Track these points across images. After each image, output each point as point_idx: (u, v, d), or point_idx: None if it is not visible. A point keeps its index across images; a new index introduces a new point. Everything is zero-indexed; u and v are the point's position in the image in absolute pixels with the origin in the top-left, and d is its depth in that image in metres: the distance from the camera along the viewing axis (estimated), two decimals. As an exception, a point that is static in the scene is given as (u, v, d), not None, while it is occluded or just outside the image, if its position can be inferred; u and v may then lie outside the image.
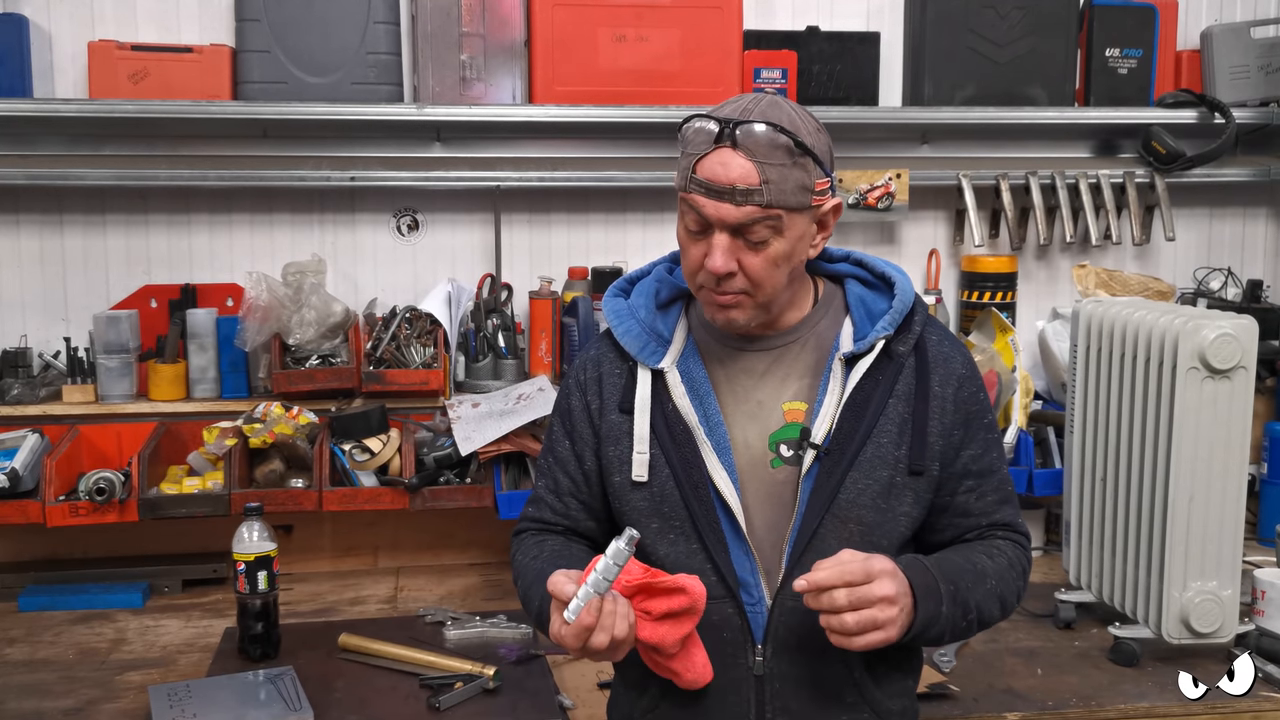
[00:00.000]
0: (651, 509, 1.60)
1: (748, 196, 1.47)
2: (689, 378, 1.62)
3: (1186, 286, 3.41)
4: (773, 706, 1.58)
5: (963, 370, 1.64)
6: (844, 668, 1.58)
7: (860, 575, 1.43)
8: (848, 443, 1.56)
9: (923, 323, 1.64)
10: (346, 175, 2.95)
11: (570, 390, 1.71)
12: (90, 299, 2.98)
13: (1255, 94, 3.26)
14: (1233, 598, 2.25)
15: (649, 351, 1.63)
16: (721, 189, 1.48)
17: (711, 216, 1.49)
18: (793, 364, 1.62)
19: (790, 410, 1.60)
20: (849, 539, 1.55)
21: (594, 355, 1.71)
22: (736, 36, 3.02)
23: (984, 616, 1.59)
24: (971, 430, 1.63)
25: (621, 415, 1.63)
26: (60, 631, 2.53)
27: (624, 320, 1.66)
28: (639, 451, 1.60)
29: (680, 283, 1.69)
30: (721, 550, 1.57)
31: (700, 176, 1.49)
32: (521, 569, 1.68)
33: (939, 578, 1.52)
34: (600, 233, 3.19)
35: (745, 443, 1.60)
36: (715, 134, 1.48)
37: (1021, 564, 1.67)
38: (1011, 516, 1.69)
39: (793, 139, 1.48)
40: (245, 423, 2.73)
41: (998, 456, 1.68)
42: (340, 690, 2.19)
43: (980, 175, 3.22)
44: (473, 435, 2.72)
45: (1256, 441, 3.04)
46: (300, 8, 2.86)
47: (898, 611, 1.45)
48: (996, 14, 3.13)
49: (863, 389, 1.58)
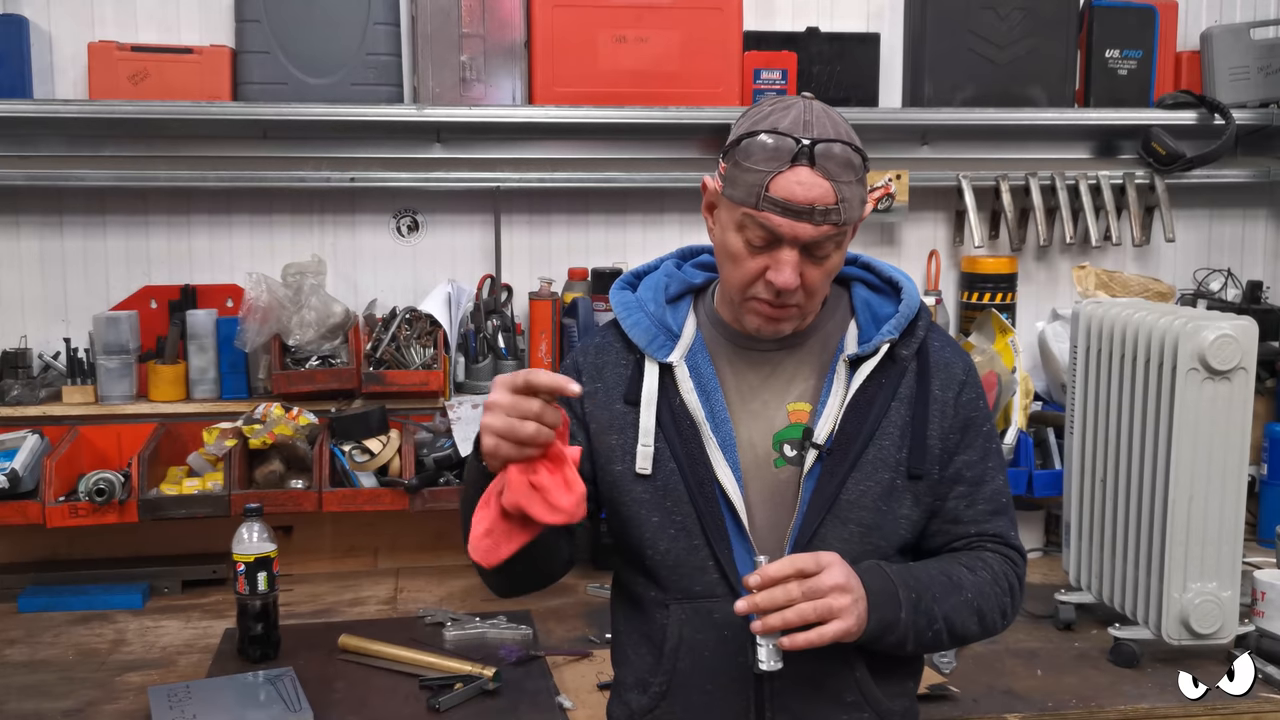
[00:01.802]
0: (653, 502, 1.60)
1: (825, 216, 1.47)
2: (697, 373, 1.62)
3: (1186, 287, 3.42)
4: (773, 705, 1.58)
5: (963, 376, 1.64)
6: (845, 667, 1.58)
7: (811, 565, 1.43)
8: (850, 444, 1.57)
9: (926, 328, 1.64)
10: (346, 176, 2.95)
11: (566, 371, 1.71)
12: (90, 300, 2.98)
13: (1255, 95, 3.26)
14: (1232, 599, 2.25)
15: (658, 345, 1.63)
16: (800, 209, 1.47)
17: (787, 235, 1.48)
18: (799, 365, 1.63)
19: (795, 410, 1.60)
20: (849, 540, 1.55)
21: (597, 343, 1.71)
22: (736, 37, 3.02)
23: (956, 629, 1.57)
24: (969, 436, 1.63)
25: (626, 406, 1.63)
26: (60, 632, 2.53)
27: (633, 313, 1.66)
28: (644, 444, 1.60)
29: (690, 278, 1.70)
30: (724, 547, 1.57)
31: (776, 195, 1.47)
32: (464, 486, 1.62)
33: (898, 584, 1.51)
34: (600, 233, 3.19)
35: (750, 441, 1.60)
36: (793, 152, 1.46)
37: (1009, 579, 1.64)
38: (1004, 528, 1.66)
39: (861, 156, 1.50)
40: (245, 424, 2.73)
41: (994, 467, 1.66)
42: (340, 691, 2.19)
43: (980, 176, 3.22)
44: (473, 436, 2.70)
45: (1256, 442, 3.04)
46: (300, 9, 2.87)
47: (851, 600, 1.44)
48: (996, 15, 3.13)
49: (866, 391, 1.58)
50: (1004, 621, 1.64)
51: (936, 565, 1.61)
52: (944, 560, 1.62)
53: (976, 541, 1.65)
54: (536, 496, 1.43)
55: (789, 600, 1.42)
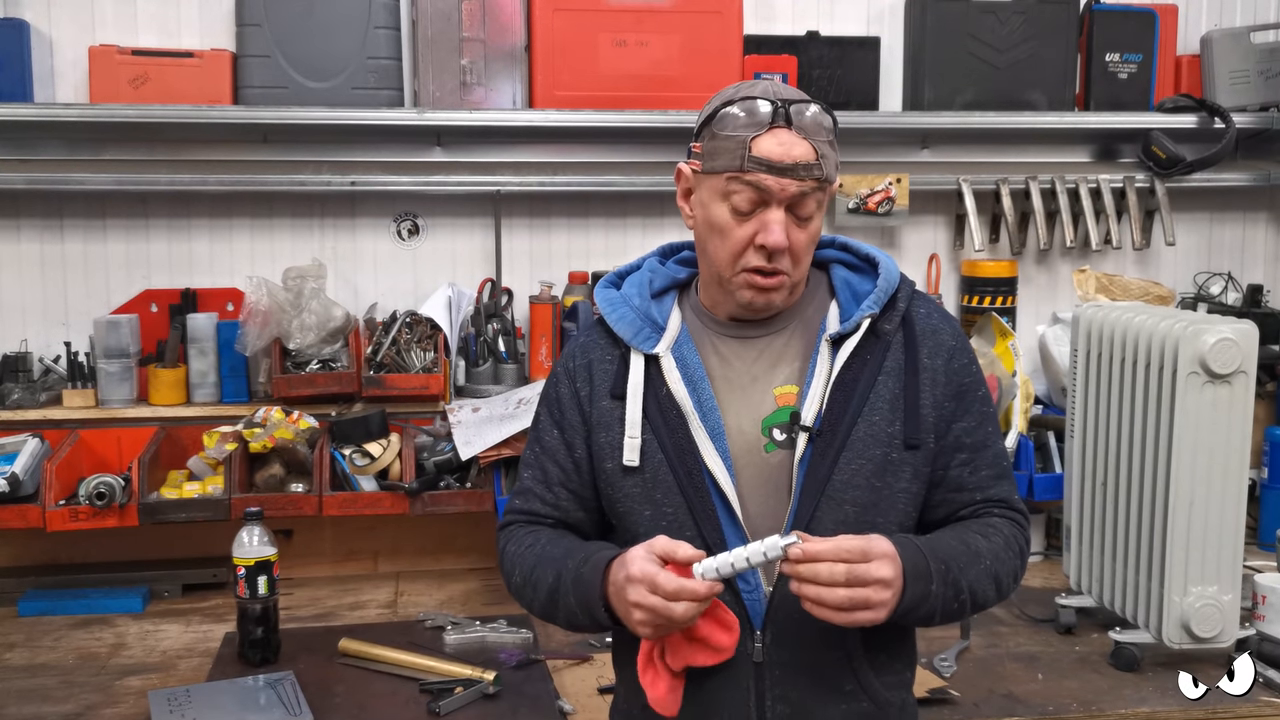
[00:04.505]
0: (644, 495, 1.60)
1: (809, 171, 1.52)
2: (683, 364, 1.62)
3: (1187, 291, 3.42)
4: (772, 694, 1.57)
5: (952, 342, 1.64)
6: (843, 655, 1.58)
7: (858, 553, 1.43)
8: (838, 423, 1.56)
9: (908, 299, 1.64)
10: (347, 180, 2.95)
11: (558, 378, 1.71)
12: (90, 303, 2.99)
13: (1255, 99, 3.27)
14: (1233, 603, 2.25)
15: (643, 337, 1.63)
16: (784, 166, 1.51)
17: (775, 192, 1.52)
18: (783, 349, 1.63)
19: (782, 394, 1.60)
20: (845, 521, 1.55)
21: (583, 343, 1.71)
22: (737, 41, 3.02)
23: (978, 598, 1.58)
24: (964, 402, 1.63)
25: (613, 401, 1.63)
26: (60, 636, 2.53)
27: (617, 307, 1.67)
28: (630, 436, 1.60)
29: (674, 273, 1.71)
30: (717, 536, 1.56)
31: (759, 155, 1.51)
32: (518, 557, 1.66)
33: (929, 556, 1.51)
34: (600, 237, 3.19)
35: (739, 428, 1.60)
36: (770, 114, 1.52)
37: (1019, 542, 1.65)
38: (1008, 492, 1.67)
39: (832, 119, 1.56)
40: (245, 427, 2.73)
41: (993, 431, 1.67)
42: (340, 695, 2.19)
43: (980, 180, 3.22)
44: (473, 440, 2.72)
45: (1256, 446, 3.04)
46: (301, 13, 2.87)
47: (890, 595, 1.45)
48: (996, 19, 3.13)
49: (850, 368, 1.58)
50: (1015, 584, 1.66)
51: (953, 534, 1.60)
52: (959, 529, 1.62)
53: (983, 509, 1.65)
54: (699, 646, 1.49)
55: (831, 581, 1.42)
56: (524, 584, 1.65)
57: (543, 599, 1.61)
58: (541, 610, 1.63)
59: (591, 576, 1.52)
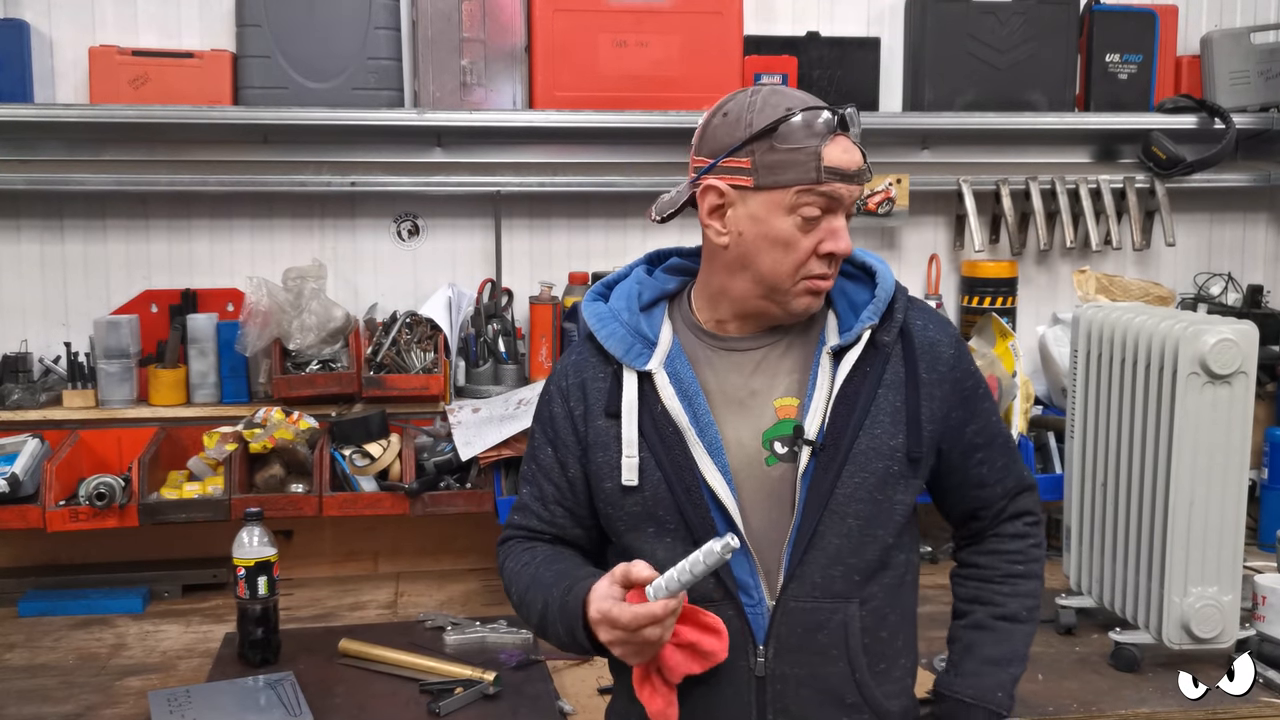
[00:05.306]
0: (644, 513, 1.59)
1: (864, 175, 1.58)
2: (677, 379, 1.60)
3: (1187, 291, 3.42)
4: (774, 708, 1.57)
5: (951, 351, 1.65)
6: (846, 667, 1.58)
7: None
8: (841, 436, 1.56)
9: (904, 309, 1.64)
10: (347, 180, 2.95)
11: (551, 397, 1.70)
12: (91, 304, 2.99)
13: (1255, 99, 3.27)
14: (1233, 603, 2.25)
15: (635, 354, 1.62)
16: (851, 173, 1.55)
17: (847, 200, 1.56)
18: (780, 360, 1.62)
19: (782, 406, 1.60)
20: (848, 534, 1.56)
21: (575, 360, 1.70)
22: (737, 42, 3.03)
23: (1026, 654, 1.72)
24: (970, 405, 1.66)
25: (608, 420, 1.62)
26: (60, 637, 2.53)
27: (607, 323, 1.65)
28: (628, 455, 1.59)
29: (663, 284, 1.69)
30: None
31: (832, 165, 1.53)
32: (514, 575, 1.68)
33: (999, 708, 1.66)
34: (600, 238, 3.19)
35: (738, 442, 1.59)
36: (833, 123, 1.54)
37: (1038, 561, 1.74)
38: (1019, 482, 1.73)
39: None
40: (245, 428, 2.73)
41: (995, 420, 1.72)
42: (340, 696, 2.19)
43: (980, 180, 3.22)
44: (473, 440, 2.72)
45: (1257, 446, 3.04)
46: (301, 13, 2.87)
47: None
48: (997, 19, 3.14)
49: (852, 381, 1.58)
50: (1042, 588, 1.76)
51: (995, 644, 1.70)
52: (997, 634, 1.70)
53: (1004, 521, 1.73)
54: (690, 654, 1.50)
55: None
56: (519, 604, 1.68)
57: (535, 622, 1.63)
58: (536, 631, 1.66)
59: (574, 606, 1.52)
